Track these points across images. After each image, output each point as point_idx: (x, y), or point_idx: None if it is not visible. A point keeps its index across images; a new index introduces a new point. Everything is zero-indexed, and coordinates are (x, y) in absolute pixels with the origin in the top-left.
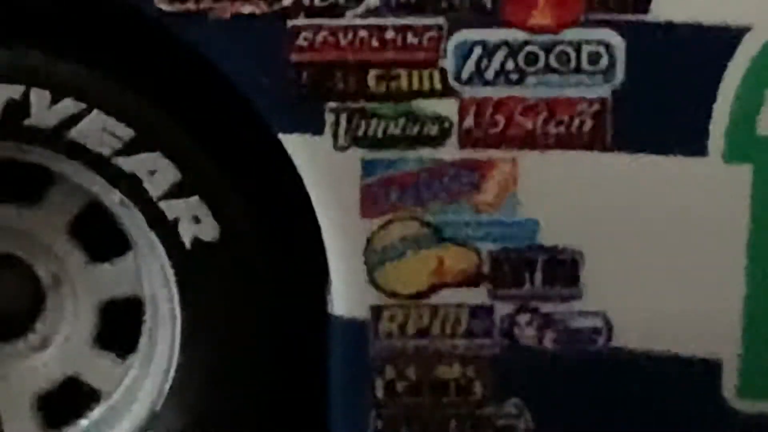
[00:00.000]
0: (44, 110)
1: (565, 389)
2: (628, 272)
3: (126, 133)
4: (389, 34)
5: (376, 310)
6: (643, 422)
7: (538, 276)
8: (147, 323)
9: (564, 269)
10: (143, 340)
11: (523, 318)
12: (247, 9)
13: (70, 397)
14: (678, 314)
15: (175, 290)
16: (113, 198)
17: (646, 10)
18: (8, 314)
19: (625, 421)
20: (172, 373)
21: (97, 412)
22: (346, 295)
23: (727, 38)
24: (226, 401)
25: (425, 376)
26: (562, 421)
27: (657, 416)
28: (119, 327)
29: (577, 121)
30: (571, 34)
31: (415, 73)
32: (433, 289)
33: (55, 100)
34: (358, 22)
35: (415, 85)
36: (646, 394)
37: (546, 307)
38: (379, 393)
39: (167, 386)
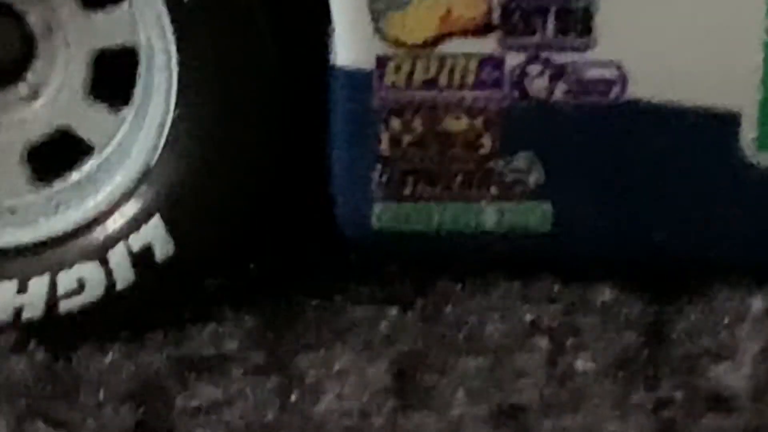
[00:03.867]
0: None
1: (578, 143)
2: (645, 21)
3: None
4: None
5: (381, 60)
6: (657, 176)
7: (550, 25)
8: (141, 75)
9: (577, 17)
10: (137, 92)
11: (534, 68)
12: None
13: (61, 151)
14: (696, 64)
15: (172, 40)
16: None
17: None
18: None
19: (639, 174)
20: (167, 127)
21: (88, 166)
22: (350, 45)
23: None
24: (223, 157)
25: (432, 128)
26: (574, 176)
27: (672, 170)
28: (113, 78)
29: None
30: None
31: None
32: (441, 38)
33: None
34: None
35: None
36: (662, 147)
37: (558, 58)
38: (384, 146)
39: (162, 141)
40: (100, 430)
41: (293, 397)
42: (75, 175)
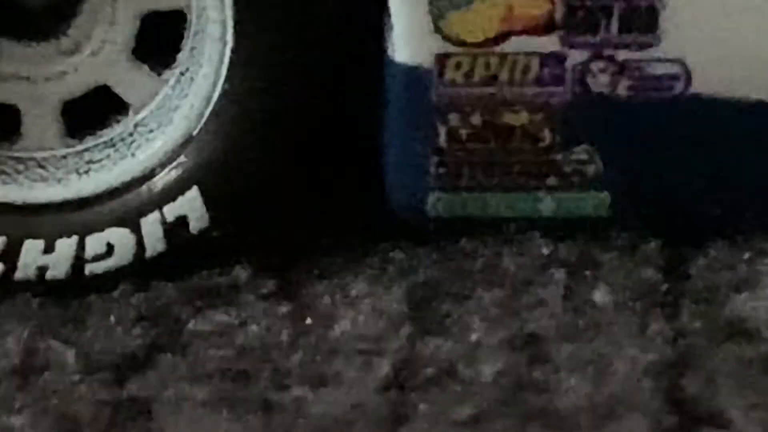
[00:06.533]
0: None
1: (638, 135)
2: (709, 17)
3: None
4: None
5: (441, 58)
6: (719, 169)
7: (614, 22)
8: (189, 39)
9: (641, 15)
10: (182, 57)
11: (596, 65)
12: None
13: (99, 112)
14: (760, 59)
15: (230, 14)
16: None
17: None
18: (41, 14)
19: (701, 170)
20: (215, 99)
21: (122, 125)
22: (409, 42)
23: None
24: (270, 133)
25: (491, 122)
26: (632, 165)
27: (731, 159)
28: (160, 42)
29: None
30: None
31: None
32: (502, 37)
33: None
34: None
35: None
36: (721, 138)
37: (621, 55)
38: (441, 139)
39: (208, 111)
40: (110, 351)
41: (307, 322)
42: (108, 133)
